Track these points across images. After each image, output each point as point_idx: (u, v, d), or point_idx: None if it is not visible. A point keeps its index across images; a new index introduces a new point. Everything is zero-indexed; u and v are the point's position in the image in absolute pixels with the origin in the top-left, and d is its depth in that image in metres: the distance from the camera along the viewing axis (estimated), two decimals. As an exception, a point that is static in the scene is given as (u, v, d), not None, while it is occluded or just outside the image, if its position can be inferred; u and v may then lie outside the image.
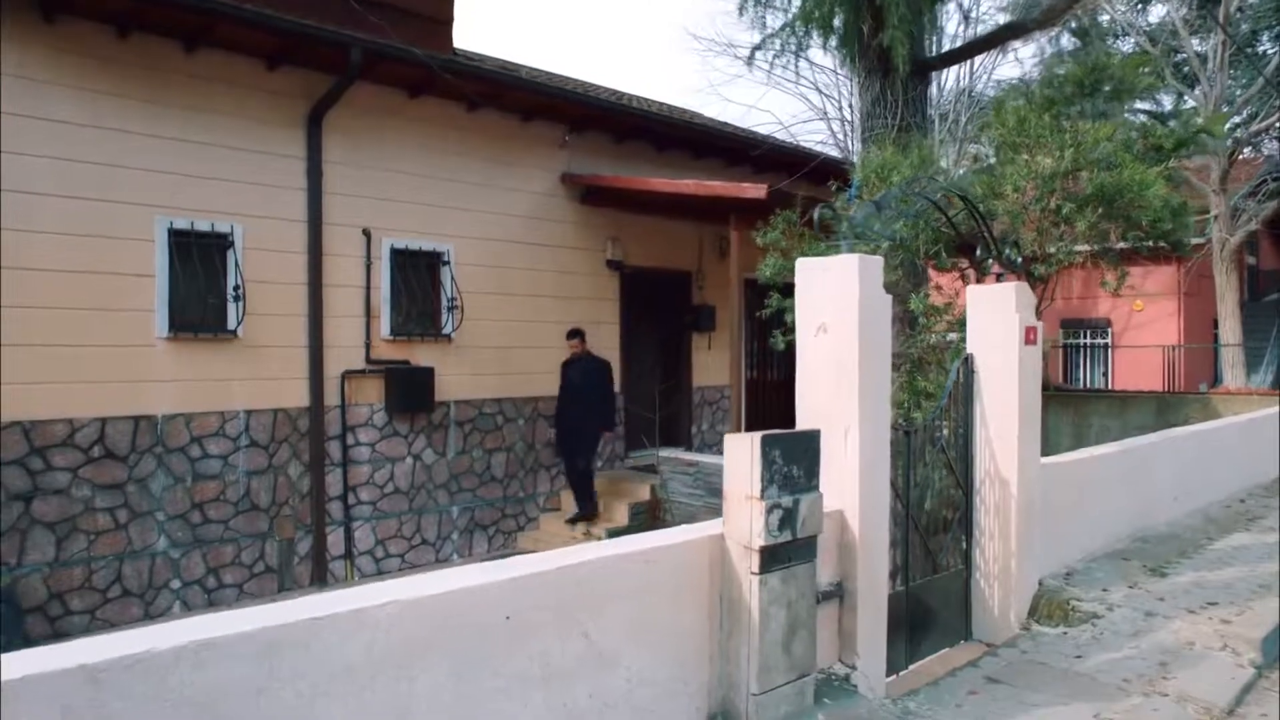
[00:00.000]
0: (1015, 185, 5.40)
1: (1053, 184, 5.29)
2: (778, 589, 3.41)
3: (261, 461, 7.57)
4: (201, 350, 7.25)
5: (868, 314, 4.01)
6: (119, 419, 6.85)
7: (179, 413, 7.13)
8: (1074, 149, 5.21)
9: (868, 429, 3.98)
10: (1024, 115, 5.53)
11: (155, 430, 7.02)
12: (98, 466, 6.74)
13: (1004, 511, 5.14)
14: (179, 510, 7.12)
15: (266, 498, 7.60)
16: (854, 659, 3.96)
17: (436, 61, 8.06)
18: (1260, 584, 5.59)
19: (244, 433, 7.47)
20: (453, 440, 8.80)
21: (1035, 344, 5.21)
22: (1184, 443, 7.72)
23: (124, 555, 6.86)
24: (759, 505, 3.33)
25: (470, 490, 8.93)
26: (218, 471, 7.33)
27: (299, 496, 7.78)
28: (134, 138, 6.93)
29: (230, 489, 7.40)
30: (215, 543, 7.30)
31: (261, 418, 7.57)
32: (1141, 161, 5.50)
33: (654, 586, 3.28)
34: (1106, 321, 16.96)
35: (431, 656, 2.66)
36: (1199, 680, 4.35)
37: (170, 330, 7.05)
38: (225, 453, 7.37)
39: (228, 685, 2.25)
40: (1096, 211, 5.23)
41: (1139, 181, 5.17)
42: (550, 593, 2.95)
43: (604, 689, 3.10)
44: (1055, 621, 5.14)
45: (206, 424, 7.27)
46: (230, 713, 2.26)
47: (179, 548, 7.11)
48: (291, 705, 2.36)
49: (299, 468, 7.78)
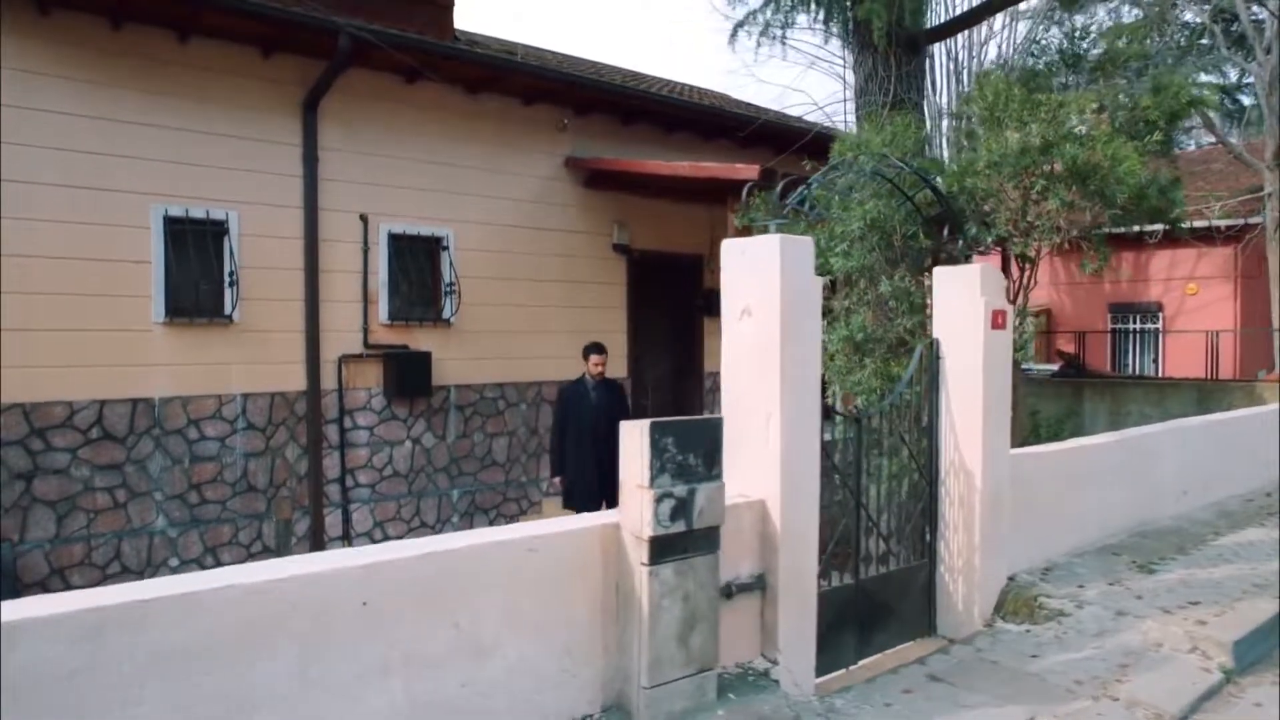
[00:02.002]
0: (988, 162, 5.14)
1: (1024, 160, 5.02)
2: (671, 581, 3.32)
3: (259, 444, 7.73)
4: (198, 335, 7.42)
5: (792, 297, 3.87)
6: (117, 402, 7.06)
7: (176, 396, 7.32)
8: (1045, 124, 4.92)
9: (791, 416, 3.84)
10: (1000, 89, 5.24)
11: (153, 413, 7.22)
12: (96, 447, 6.97)
13: (968, 503, 4.95)
14: (177, 490, 7.32)
15: (264, 479, 7.76)
16: (775, 653, 3.85)
17: (430, 47, 8.07)
18: (1255, 583, 5.27)
19: (241, 415, 7.64)
20: (453, 424, 8.86)
21: (1004, 328, 4.98)
22: (1196, 433, 7.31)
23: (123, 533, 7.09)
24: (648, 494, 3.24)
25: (471, 474, 8.99)
26: (215, 453, 7.51)
27: (296, 478, 7.93)
28: (130, 127, 7.10)
29: (227, 470, 7.57)
30: (213, 522, 7.49)
31: (259, 401, 7.73)
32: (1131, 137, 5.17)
33: (538, 575, 3.23)
34: (1157, 306, 16.20)
35: (278, 642, 2.65)
36: (1157, 684, 4.12)
37: (167, 315, 7.23)
38: (222, 435, 7.55)
39: (39, 667, 2.27)
40: (1070, 189, 4.94)
41: (1112, 157, 4.86)
42: (414, 579, 2.92)
43: (479, 678, 3.06)
44: (1021, 618, 4.93)
45: (203, 407, 7.45)
46: (44, 694, 2.28)
47: (177, 527, 7.32)
48: (114, 687, 2.38)
49: (296, 450, 7.92)
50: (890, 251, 5.71)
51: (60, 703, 2.29)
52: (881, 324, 5.65)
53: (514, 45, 10.24)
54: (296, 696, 2.67)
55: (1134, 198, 5.08)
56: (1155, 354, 16.33)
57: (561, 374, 9.20)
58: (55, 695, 2.29)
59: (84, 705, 2.32)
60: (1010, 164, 5.03)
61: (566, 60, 10.75)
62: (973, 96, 5.54)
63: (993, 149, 5.11)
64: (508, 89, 8.99)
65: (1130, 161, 4.89)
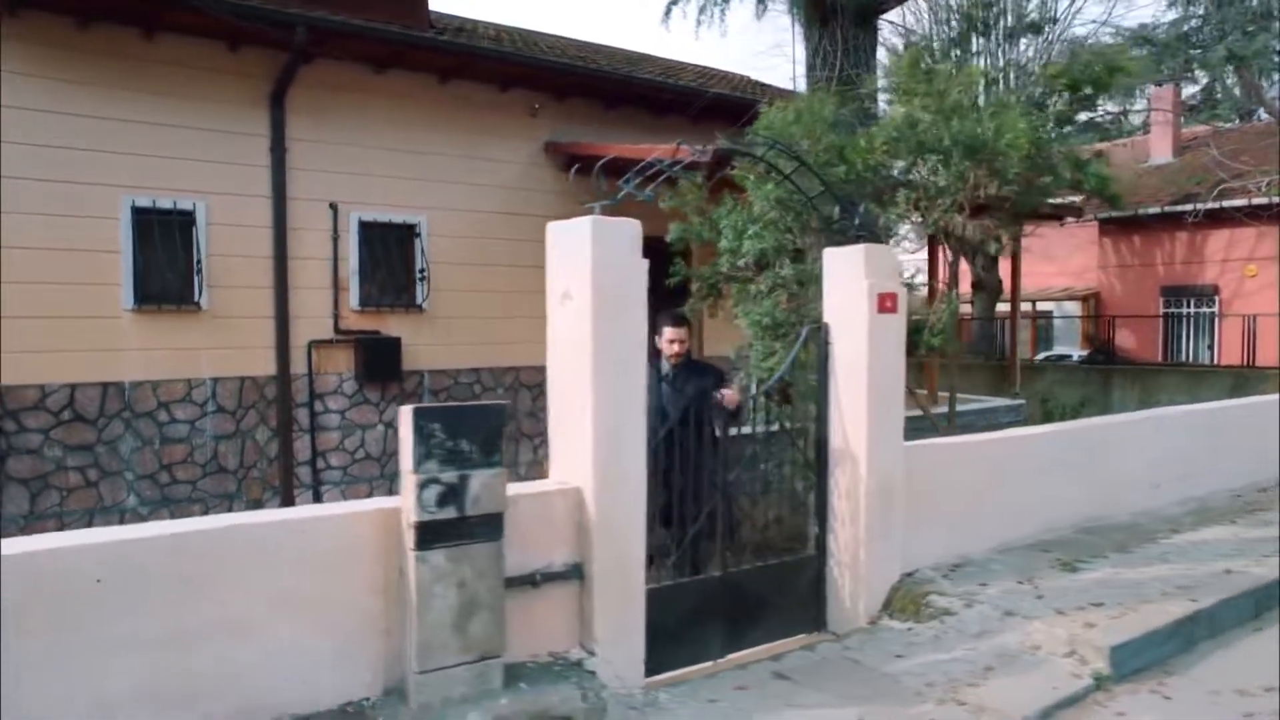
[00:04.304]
0: (885, 138, 4.87)
1: (915, 135, 4.74)
2: (444, 567, 3.28)
3: (229, 426, 8.01)
4: (167, 321, 7.72)
5: (609, 280, 3.77)
6: (88, 385, 7.41)
7: (146, 380, 7.64)
8: (928, 96, 4.63)
9: (607, 402, 3.75)
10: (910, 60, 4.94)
11: (123, 396, 7.55)
12: (68, 429, 7.33)
13: (854, 495, 4.75)
14: (148, 471, 7.64)
15: (234, 461, 8.04)
16: (593, 644, 3.78)
17: (394, 37, 8.16)
18: (1179, 585, 4.89)
19: (211, 399, 7.92)
20: (427, 409, 8.97)
21: (894, 311, 4.74)
22: (1175, 423, 6.82)
23: (95, 511, 7.45)
24: (412, 480, 3.21)
25: (446, 458, 9.09)
26: (185, 435, 7.81)
27: (267, 460, 8.19)
28: (100, 122, 7.41)
29: (198, 452, 7.87)
30: (183, 502, 7.80)
31: (228, 385, 8.00)
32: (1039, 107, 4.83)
33: (313, 557, 3.24)
34: (1213, 289, 15.18)
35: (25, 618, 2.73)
36: (1013, 689, 3.88)
37: (136, 303, 7.54)
38: (192, 418, 7.84)
39: None
40: (963, 164, 4.65)
41: (996, 130, 4.54)
42: (162, 558, 2.97)
43: (237, 658, 3.09)
44: (907, 616, 4.71)
45: (173, 390, 7.76)
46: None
47: (148, 505, 7.65)
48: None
49: (267, 433, 8.17)
50: (809, 234, 5.51)
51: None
52: (795, 308, 5.46)
53: (499, 29, 10.25)
54: (36, 677, 2.74)
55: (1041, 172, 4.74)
56: (1210, 339, 15.34)
57: (539, 359, 9.20)
58: None
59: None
60: (906, 139, 4.77)
61: (557, 44, 10.71)
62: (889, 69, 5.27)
63: (886, 125, 4.85)
64: (480, 75, 9.02)
65: (1015, 133, 4.56)
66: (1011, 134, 4.55)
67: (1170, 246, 15.65)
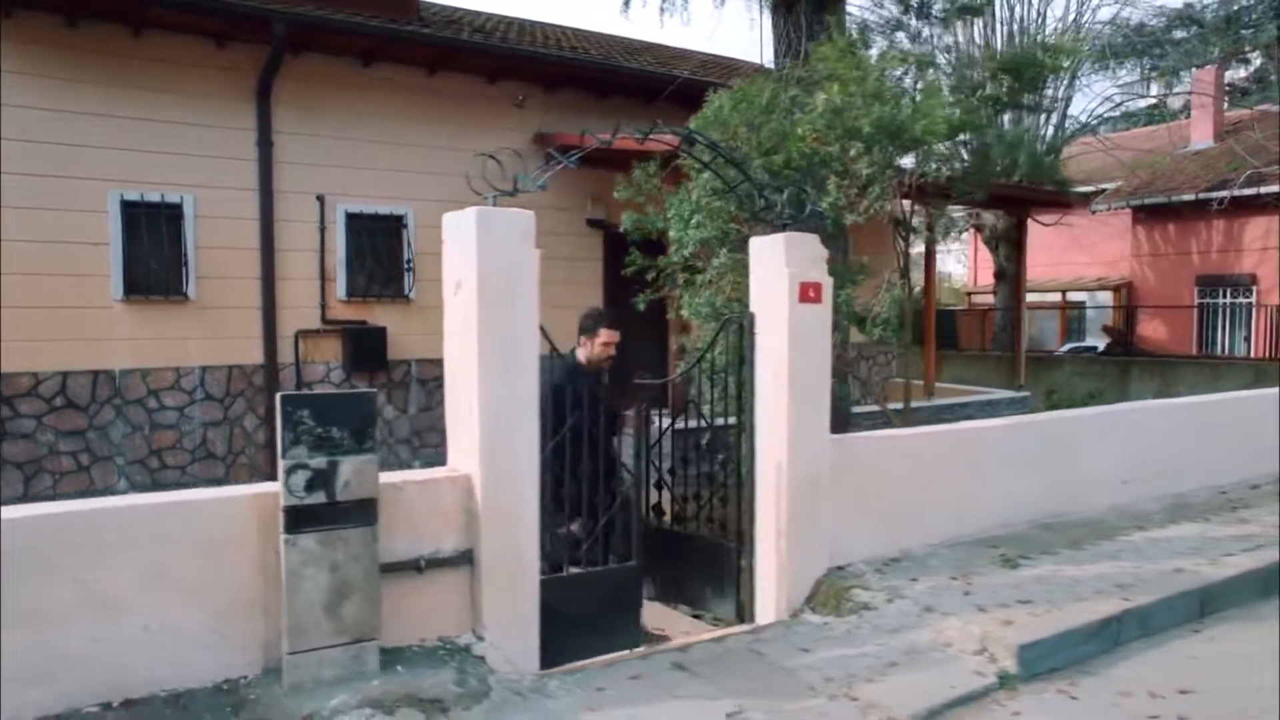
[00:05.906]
0: (811, 126, 4.78)
1: (838, 121, 4.64)
2: (314, 550, 3.35)
3: (217, 414, 8.24)
4: (156, 311, 7.96)
5: (497, 270, 3.80)
6: (79, 373, 7.69)
7: (136, 368, 7.89)
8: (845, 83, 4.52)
9: (493, 391, 3.77)
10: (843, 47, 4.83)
11: (113, 383, 7.82)
12: (60, 415, 7.63)
13: (777, 488, 4.69)
14: (138, 456, 7.91)
15: (223, 447, 8.27)
16: (483, 630, 3.82)
17: (377, 30, 8.26)
18: (1119, 583, 4.73)
19: (199, 387, 8.15)
20: (414, 397, 9.12)
21: (818, 301, 4.66)
22: (1154, 416, 6.58)
23: (87, 494, 7.70)
24: (281, 465, 3.28)
25: (433, 446, 9.23)
26: (174, 422, 8.06)
27: (255, 447, 8.40)
28: (90, 118, 7.66)
29: (186, 438, 8.12)
30: (173, 486, 8.03)
31: (216, 373, 8.22)
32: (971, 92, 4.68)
33: (186, 539, 3.32)
34: (1250, 278, 14.57)
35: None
36: (912, 686, 3.80)
37: (125, 293, 7.80)
38: (181, 405, 8.09)
39: None
40: (885, 150, 4.53)
41: (912, 114, 4.40)
42: (24, 540, 3.08)
43: (110, 635, 3.20)
44: (827, 611, 4.65)
45: (162, 378, 8.00)
46: None
47: (139, 489, 7.90)
48: None
49: (255, 420, 8.39)
50: (759, 224, 5.45)
51: None
52: (735, 298, 5.41)
53: (489, 19, 10.30)
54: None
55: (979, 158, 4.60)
56: (1248, 330, 14.74)
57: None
58: None
59: None
60: (834, 126, 4.67)
61: (553, 34, 10.73)
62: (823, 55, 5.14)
63: (811, 113, 4.75)
64: (467, 67, 9.09)
65: (932, 119, 4.42)
66: (927, 120, 4.43)
67: (1207, 234, 15.07)
